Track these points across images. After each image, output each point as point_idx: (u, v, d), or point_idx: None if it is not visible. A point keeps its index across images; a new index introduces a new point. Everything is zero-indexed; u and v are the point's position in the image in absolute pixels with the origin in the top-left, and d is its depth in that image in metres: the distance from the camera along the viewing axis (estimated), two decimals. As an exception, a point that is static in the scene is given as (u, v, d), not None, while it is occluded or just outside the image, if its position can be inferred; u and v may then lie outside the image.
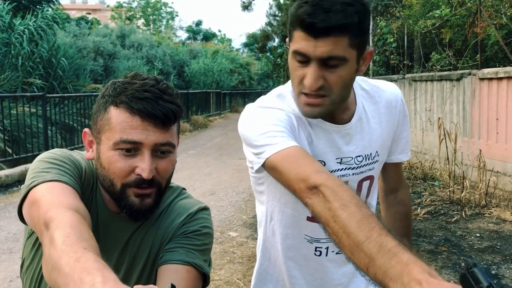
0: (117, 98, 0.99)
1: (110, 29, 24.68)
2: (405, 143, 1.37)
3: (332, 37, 1.01)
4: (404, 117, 1.34)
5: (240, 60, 30.74)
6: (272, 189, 1.27)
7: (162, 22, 43.49)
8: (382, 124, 1.28)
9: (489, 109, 6.41)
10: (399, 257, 0.70)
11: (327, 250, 1.28)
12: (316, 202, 0.89)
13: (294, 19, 1.05)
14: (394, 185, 1.45)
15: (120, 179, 1.00)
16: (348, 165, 1.23)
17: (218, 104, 22.95)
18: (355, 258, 0.78)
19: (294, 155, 1.01)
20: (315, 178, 0.92)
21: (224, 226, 5.03)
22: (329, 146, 1.21)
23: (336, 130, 1.21)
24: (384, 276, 0.70)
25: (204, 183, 7.20)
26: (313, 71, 1.05)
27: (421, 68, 8.70)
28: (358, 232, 0.78)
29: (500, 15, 6.65)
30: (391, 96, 1.30)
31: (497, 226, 4.81)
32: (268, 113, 1.13)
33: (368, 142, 1.25)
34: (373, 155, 1.27)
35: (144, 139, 0.97)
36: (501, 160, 6.12)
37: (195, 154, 10.42)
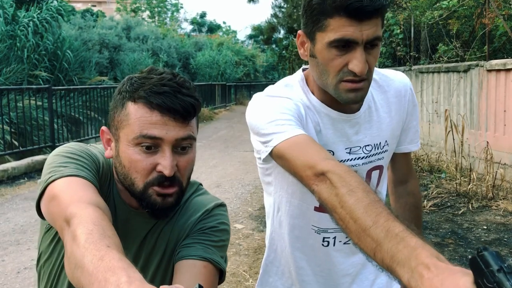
0: (135, 93, 0.97)
1: (116, 21, 24.64)
2: (414, 133, 1.36)
3: (374, 19, 1.03)
4: (414, 106, 1.33)
5: (246, 52, 30.63)
6: (279, 179, 1.26)
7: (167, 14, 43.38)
8: (391, 114, 1.27)
9: (496, 101, 6.36)
10: (406, 242, 0.70)
11: (335, 240, 1.27)
12: (323, 188, 0.89)
13: (332, 6, 1.02)
14: (404, 175, 1.43)
15: (143, 178, 0.97)
16: (357, 154, 1.23)
17: (224, 96, 22.91)
18: (362, 243, 0.77)
19: (301, 143, 1.00)
20: (322, 165, 0.92)
21: (230, 218, 5.01)
22: (339, 136, 1.20)
23: (346, 119, 1.20)
24: (391, 261, 0.70)
25: (210, 175, 7.20)
26: (360, 55, 1.04)
27: (428, 59, 8.63)
28: (365, 217, 0.77)
29: (508, 6, 6.57)
30: (400, 85, 1.29)
31: (504, 218, 4.78)
32: (276, 102, 1.13)
33: (377, 131, 1.24)
34: (383, 145, 1.26)
35: (165, 135, 0.95)
36: (508, 152, 6.08)
37: (200, 146, 10.42)
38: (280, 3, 19.63)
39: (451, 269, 0.63)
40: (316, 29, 1.07)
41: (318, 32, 1.07)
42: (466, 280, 0.60)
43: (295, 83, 1.22)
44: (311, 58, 1.14)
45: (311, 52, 1.12)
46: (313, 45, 1.10)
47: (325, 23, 1.04)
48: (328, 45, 1.05)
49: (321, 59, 1.09)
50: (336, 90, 1.10)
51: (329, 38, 1.04)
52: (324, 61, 1.08)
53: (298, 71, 1.26)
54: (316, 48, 1.09)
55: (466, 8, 7.56)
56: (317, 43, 1.08)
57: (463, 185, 5.73)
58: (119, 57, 20.03)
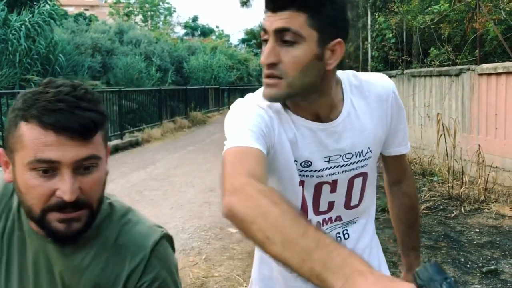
0: (27, 112, 0.87)
1: (108, 25, 24.61)
2: (403, 136, 1.34)
3: (289, 11, 1.03)
4: (399, 109, 1.30)
5: (239, 56, 30.70)
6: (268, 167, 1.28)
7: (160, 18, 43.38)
8: (373, 119, 1.25)
9: (488, 104, 6.41)
10: (339, 250, 0.68)
11: None
12: (238, 200, 0.84)
13: None
14: (397, 177, 1.43)
15: (40, 204, 0.87)
16: (337, 163, 1.21)
17: (217, 100, 22.93)
18: (288, 253, 0.73)
19: (244, 155, 0.99)
20: (244, 179, 0.88)
21: (224, 222, 5.03)
22: (316, 145, 1.18)
23: (322, 128, 1.18)
24: (323, 269, 0.67)
25: (204, 179, 7.20)
26: (268, 46, 1.05)
27: (420, 63, 8.70)
28: (294, 227, 0.74)
29: (499, 10, 6.65)
30: (381, 90, 1.26)
31: (496, 221, 4.82)
32: (250, 111, 1.12)
33: (358, 139, 1.22)
34: (365, 152, 1.24)
35: (61, 157, 0.85)
36: (500, 155, 6.13)
37: (194, 150, 10.42)
38: (273, 7, 19.70)
39: (390, 277, 0.62)
40: None
41: None
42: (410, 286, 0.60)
43: None
44: None
45: None
46: None
47: None
48: None
49: None
50: None
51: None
52: None
53: None
54: None
55: (457, 12, 7.63)
56: None
57: (456, 188, 5.76)
58: (112, 61, 19.99)
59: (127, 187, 6.66)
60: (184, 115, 16.49)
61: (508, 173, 5.96)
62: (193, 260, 4.02)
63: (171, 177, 7.35)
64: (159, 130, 13.04)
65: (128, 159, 9.22)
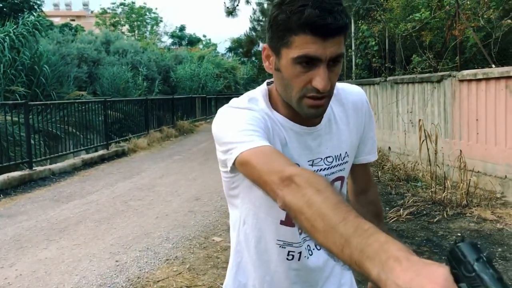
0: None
1: (95, 35, 24.53)
2: (372, 144, 1.40)
3: (338, 37, 1.05)
4: (370, 117, 1.36)
5: (226, 65, 30.74)
6: (246, 192, 1.26)
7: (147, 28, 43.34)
8: (349, 126, 1.30)
9: (469, 110, 6.51)
10: (376, 237, 0.68)
11: (300, 255, 1.28)
12: (288, 191, 0.88)
13: (298, 24, 1.04)
14: (364, 185, 1.47)
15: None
16: (319, 166, 1.25)
17: (204, 109, 22.93)
18: (329, 241, 0.76)
19: (267, 152, 1.00)
20: (288, 169, 0.92)
21: (209, 231, 5.03)
22: (302, 149, 1.22)
23: (308, 132, 1.22)
24: (360, 255, 0.68)
25: (189, 188, 7.19)
26: (323, 72, 1.07)
27: (403, 70, 8.80)
28: (334, 214, 0.77)
29: (477, 18, 6.77)
30: (356, 98, 1.33)
31: (478, 225, 4.88)
32: (242, 113, 1.14)
33: (337, 143, 1.27)
34: (343, 156, 1.30)
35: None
36: (481, 160, 6.21)
37: (180, 159, 10.40)
38: (258, 17, 19.81)
39: (425, 261, 0.60)
40: (281, 44, 1.09)
41: (283, 47, 1.08)
42: (444, 270, 0.58)
43: (259, 97, 1.23)
44: (276, 72, 1.16)
45: (276, 66, 1.14)
46: (278, 59, 1.12)
47: (290, 40, 1.06)
48: (293, 61, 1.07)
49: (286, 74, 1.10)
50: (299, 104, 1.12)
51: (294, 54, 1.06)
52: (288, 76, 1.10)
53: (263, 85, 1.28)
54: (281, 63, 1.11)
55: (438, 20, 7.75)
56: (282, 58, 1.10)
57: (438, 193, 5.83)
58: (98, 71, 19.89)
59: (112, 198, 6.63)
60: (171, 124, 16.46)
61: (489, 178, 6.04)
62: (177, 269, 4.01)
63: (157, 187, 7.33)
64: (145, 140, 12.99)
65: (114, 169, 9.18)
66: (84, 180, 8.11)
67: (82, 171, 9.08)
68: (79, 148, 10.62)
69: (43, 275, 3.94)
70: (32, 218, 5.69)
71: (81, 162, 9.56)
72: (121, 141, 12.31)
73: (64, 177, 8.40)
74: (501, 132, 5.87)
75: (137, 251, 4.45)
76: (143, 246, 4.58)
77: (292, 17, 1.04)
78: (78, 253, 4.43)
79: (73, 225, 5.34)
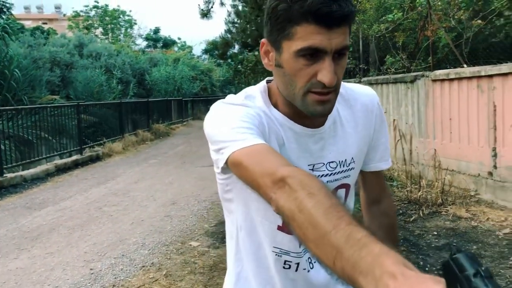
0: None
1: (68, 38, 24.10)
2: (384, 150, 1.29)
3: (343, 27, 0.98)
4: (382, 122, 1.26)
5: (202, 67, 30.61)
6: (241, 195, 1.16)
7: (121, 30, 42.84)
8: (358, 129, 1.20)
9: (442, 109, 6.59)
10: (369, 248, 0.62)
11: (297, 266, 1.19)
12: (281, 195, 0.81)
13: (300, 13, 0.96)
14: (376, 195, 1.36)
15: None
16: (320, 171, 1.15)
17: (180, 111, 22.78)
18: (320, 251, 0.69)
19: (261, 151, 0.93)
20: (281, 170, 0.84)
21: (186, 236, 4.96)
22: (302, 151, 1.13)
23: (309, 134, 1.13)
24: (353, 270, 0.62)
25: (165, 193, 7.10)
26: (329, 65, 0.98)
27: (377, 71, 8.88)
28: (325, 221, 0.70)
29: (449, 19, 6.87)
30: (367, 100, 1.22)
31: (453, 223, 4.93)
32: (237, 110, 1.06)
33: (342, 148, 1.17)
34: (349, 162, 1.19)
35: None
36: (455, 159, 6.30)
37: (156, 163, 10.28)
38: (233, 19, 19.75)
39: (420, 276, 0.56)
40: (282, 37, 1.00)
41: (284, 40, 1.00)
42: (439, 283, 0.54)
43: (257, 94, 1.14)
44: (276, 68, 1.06)
45: (276, 61, 1.05)
46: (279, 54, 1.03)
47: (292, 31, 0.97)
48: (295, 54, 0.98)
49: (288, 69, 1.01)
50: (303, 101, 1.03)
51: (297, 46, 0.97)
52: (291, 71, 1.01)
53: (262, 82, 1.19)
54: (283, 57, 1.02)
55: (410, 21, 7.85)
56: (284, 52, 1.01)
57: (414, 192, 5.88)
58: (72, 75, 19.53)
59: (86, 204, 6.49)
60: (146, 128, 16.29)
61: (463, 176, 6.13)
62: (153, 276, 3.94)
63: (132, 192, 7.22)
64: (120, 144, 12.82)
65: (88, 175, 9.01)
66: (57, 186, 7.93)
67: (55, 177, 8.89)
68: (52, 154, 10.41)
69: (13, 286, 3.82)
70: (3, 226, 5.53)
71: (54, 168, 9.36)
72: (95, 145, 12.12)
73: (36, 184, 8.21)
74: (474, 131, 5.96)
75: (112, 258, 4.36)
76: (118, 253, 4.49)
77: (294, 6, 0.96)
78: (51, 262, 4.32)
79: (45, 233, 5.21)
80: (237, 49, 20.66)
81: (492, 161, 5.66)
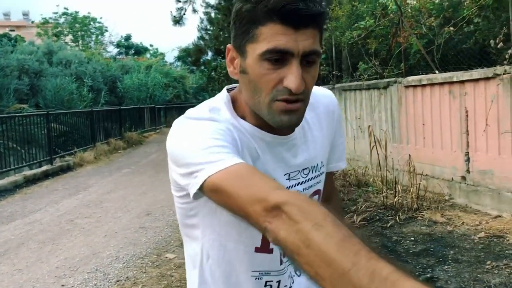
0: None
1: (36, 46, 23.58)
2: (342, 150, 1.28)
3: (311, 29, 0.91)
4: (340, 122, 1.25)
5: (174, 74, 30.38)
6: (208, 220, 1.05)
7: (92, 37, 42.20)
8: (323, 131, 1.17)
9: (415, 115, 6.67)
10: (399, 287, 0.57)
11: (279, 284, 1.11)
12: (280, 225, 0.73)
13: (263, 12, 0.90)
14: (329, 194, 1.32)
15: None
16: (296, 180, 1.10)
17: (153, 119, 22.54)
18: None
19: (244, 173, 0.83)
20: (274, 196, 0.76)
21: (161, 248, 4.85)
22: (277, 161, 1.06)
23: (281, 142, 1.06)
24: None
25: (139, 203, 6.95)
26: (296, 69, 0.90)
27: (350, 78, 8.96)
28: (341, 258, 0.62)
29: (420, 25, 6.97)
30: (327, 100, 1.19)
31: (429, 228, 4.96)
32: (206, 126, 0.95)
33: (313, 152, 1.13)
34: (319, 166, 1.16)
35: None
36: (429, 163, 6.37)
37: (129, 172, 10.10)
38: (206, 25, 19.67)
39: None
40: (246, 40, 0.94)
41: (248, 43, 0.93)
42: None
43: (221, 106, 1.04)
44: (241, 75, 0.99)
45: (241, 67, 0.97)
46: (244, 59, 0.96)
47: (257, 32, 0.91)
48: (259, 57, 0.92)
49: (253, 74, 0.94)
50: (269, 111, 0.95)
51: (261, 49, 0.91)
52: (255, 77, 0.94)
53: (222, 92, 1.09)
54: (247, 62, 0.95)
55: (382, 28, 7.94)
56: (248, 57, 0.94)
57: (390, 198, 5.91)
58: (41, 83, 19.08)
59: (57, 216, 6.30)
60: (118, 136, 16.03)
61: (437, 180, 6.20)
62: (128, 291, 3.82)
63: (105, 203, 7.05)
64: (92, 153, 12.56)
65: (59, 186, 8.77)
66: (27, 198, 7.68)
67: (24, 188, 8.62)
68: (21, 164, 10.11)
69: (-20, 306, 3.65)
70: (-32, 242, 5.31)
71: (23, 179, 9.08)
72: (66, 155, 11.84)
73: (4, 196, 7.94)
74: (447, 136, 6.04)
75: (85, 273, 4.21)
76: (92, 268, 4.35)
77: (258, 6, 0.90)
78: (20, 279, 4.15)
79: (14, 248, 5.01)
80: (210, 56, 20.59)
81: (465, 165, 5.73)
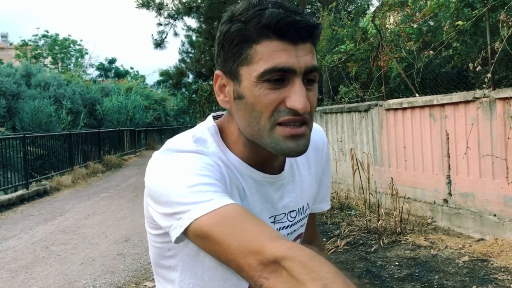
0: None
1: (14, 68, 23.27)
2: (326, 190, 1.19)
3: (309, 43, 0.83)
4: (328, 160, 1.15)
5: (155, 96, 30.25)
6: (189, 263, 0.94)
7: (71, 60, 41.91)
8: (311, 170, 1.08)
9: (396, 138, 6.69)
10: None
11: None
12: (279, 284, 0.65)
13: (257, 29, 0.81)
14: (310, 235, 1.24)
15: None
16: (282, 223, 0.99)
17: (133, 142, 22.29)
18: None
19: (235, 217, 0.74)
20: (272, 248, 0.67)
21: (140, 276, 4.69)
22: (263, 203, 0.96)
23: (270, 181, 0.96)
24: None
25: (118, 228, 6.77)
26: (301, 89, 0.81)
27: (331, 100, 8.99)
28: None
29: (400, 49, 7.05)
30: (317, 137, 1.09)
31: (413, 252, 4.91)
32: (191, 160, 0.84)
33: (300, 193, 1.03)
34: (305, 208, 1.06)
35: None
36: (411, 186, 6.37)
37: (108, 197, 9.87)
38: (187, 48, 19.72)
39: None
40: (239, 63, 0.84)
41: (242, 66, 0.83)
42: None
43: (207, 137, 0.93)
44: (235, 102, 0.87)
45: (236, 93, 0.86)
46: (238, 84, 0.85)
47: (250, 53, 0.82)
48: (257, 79, 0.82)
49: (250, 98, 0.84)
50: (272, 138, 0.84)
51: (258, 70, 0.81)
52: (253, 100, 0.83)
53: (208, 121, 0.98)
54: (243, 86, 0.84)
55: (363, 51, 8.02)
56: (243, 81, 0.84)
57: (373, 221, 5.86)
58: (18, 106, 18.78)
59: (31, 243, 6.07)
60: (97, 159, 15.77)
61: (420, 203, 6.18)
62: (105, 322, 3.65)
63: (82, 229, 6.84)
64: (69, 177, 12.29)
65: (35, 211, 8.51)
66: (0, 225, 7.42)
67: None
68: (-5, 189, 9.81)
69: None
70: None
71: (-4, 205, 8.79)
72: (42, 179, 11.55)
73: (-24, 222, 7.65)
74: (428, 159, 6.05)
75: (59, 304, 4.03)
76: (66, 298, 4.17)
77: (249, 24, 0.81)
78: (-10, 311, 3.94)
79: (-16, 278, 4.79)
80: (191, 78, 20.58)
81: (447, 188, 5.74)
